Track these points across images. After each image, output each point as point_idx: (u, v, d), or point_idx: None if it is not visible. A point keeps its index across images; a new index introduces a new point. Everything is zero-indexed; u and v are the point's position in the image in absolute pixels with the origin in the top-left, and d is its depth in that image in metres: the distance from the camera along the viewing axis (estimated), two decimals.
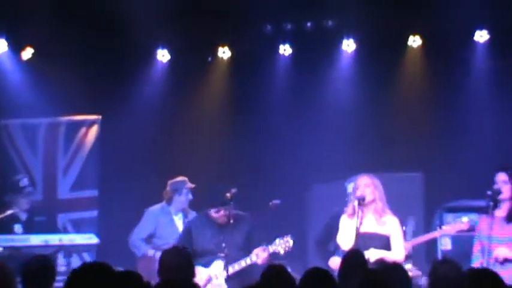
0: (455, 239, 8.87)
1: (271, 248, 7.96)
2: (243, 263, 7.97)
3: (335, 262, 7.73)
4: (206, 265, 8.03)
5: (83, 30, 10.54)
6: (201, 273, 7.79)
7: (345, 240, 7.66)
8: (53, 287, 5.77)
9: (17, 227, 9.47)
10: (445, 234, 8.68)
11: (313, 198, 10.74)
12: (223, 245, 7.97)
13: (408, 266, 8.16)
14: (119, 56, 10.92)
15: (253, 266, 7.96)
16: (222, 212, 8.14)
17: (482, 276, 4.96)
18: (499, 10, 10.10)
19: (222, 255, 7.93)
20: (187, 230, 8.41)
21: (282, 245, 7.95)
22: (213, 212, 8.19)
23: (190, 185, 9.21)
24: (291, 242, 7.99)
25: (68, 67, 10.75)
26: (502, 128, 10.41)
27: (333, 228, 8.32)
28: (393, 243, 7.68)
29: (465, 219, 8.23)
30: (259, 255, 7.93)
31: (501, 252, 7.40)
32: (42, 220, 9.81)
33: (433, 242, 8.99)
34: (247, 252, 8.03)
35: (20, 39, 11.02)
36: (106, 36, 10.66)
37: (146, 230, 9.20)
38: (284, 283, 5.46)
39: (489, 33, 10.53)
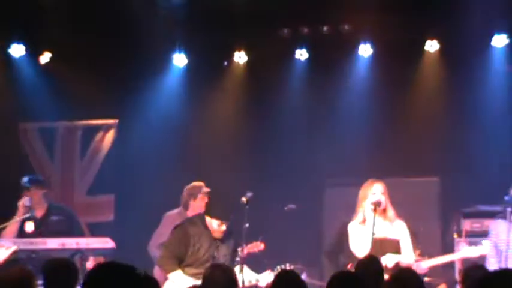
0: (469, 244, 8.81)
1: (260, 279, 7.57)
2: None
3: None
4: None
5: (100, 34, 10.57)
6: None
7: (360, 247, 7.66)
8: None
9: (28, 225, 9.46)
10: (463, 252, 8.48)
11: (329, 203, 10.70)
12: (217, 258, 7.54)
13: None
14: (136, 60, 10.94)
15: None
16: (224, 227, 7.69)
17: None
18: None
19: None
20: (185, 231, 7.81)
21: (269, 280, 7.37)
22: (215, 224, 7.75)
23: (206, 189, 9.15)
24: None
25: (85, 71, 10.80)
26: None
27: (345, 239, 8.26)
28: (404, 247, 7.83)
29: (487, 243, 8.14)
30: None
31: None
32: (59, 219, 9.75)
33: (447, 248, 8.92)
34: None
35: (38, 44, 11.08)
36: (123, 41, 10.69)
37: (164, 235, 9.18)
38: None
39: (507, 37, 10.47)
